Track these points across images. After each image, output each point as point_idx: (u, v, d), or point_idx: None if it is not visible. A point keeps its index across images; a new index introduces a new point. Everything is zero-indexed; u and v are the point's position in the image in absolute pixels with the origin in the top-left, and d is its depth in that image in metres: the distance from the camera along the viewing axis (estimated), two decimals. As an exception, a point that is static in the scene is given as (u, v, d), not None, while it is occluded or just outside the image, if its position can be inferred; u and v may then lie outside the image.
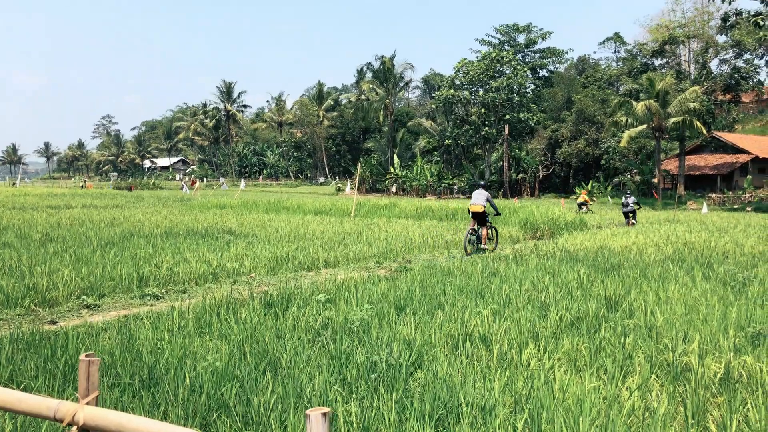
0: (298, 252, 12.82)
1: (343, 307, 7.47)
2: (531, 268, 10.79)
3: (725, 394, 4.64)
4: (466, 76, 64.58)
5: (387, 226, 20.45)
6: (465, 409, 4.15)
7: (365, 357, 5.25)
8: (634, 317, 6.95)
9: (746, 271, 10.19)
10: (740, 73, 59.42)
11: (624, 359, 5.38)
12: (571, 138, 65.83)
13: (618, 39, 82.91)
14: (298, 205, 29.62)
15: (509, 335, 6.10)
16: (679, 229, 20.00)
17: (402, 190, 70.71)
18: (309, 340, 6.06)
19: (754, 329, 6.19)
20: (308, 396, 4.38)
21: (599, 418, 3.99)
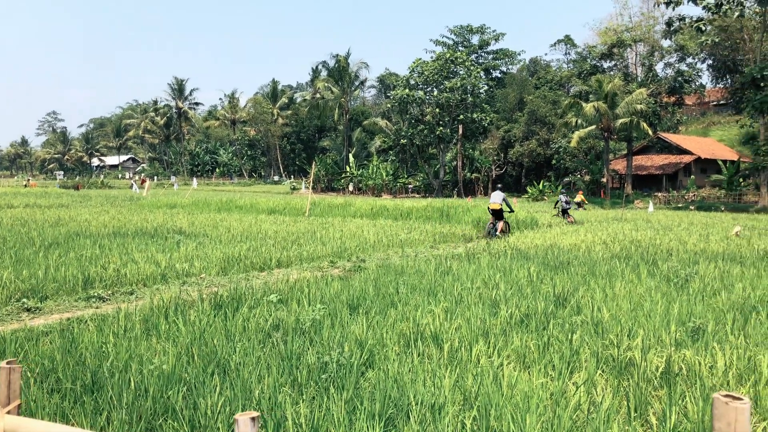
0: (250, 252, 12.66)
1: (295, 307, 7.40)
2: (483, 267, 10.91)
3: (666, 387, 4.79)
4: (421, 76, 65.00)
5: (342, 225, 20.39)
6: (415, 408, 4.16)
7: (316, 357, 5.21)
8: (582, 314, 7.10)
9: (688, 268, 10.53)
10: (684, 76, 61.53)
11: (571, 355, 5.49)
12: (523, 138, 66.97)
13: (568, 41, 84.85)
14: (252, 204, 29.27)
15: (460, 333, 6.15)
16: (626, 228, 20.57)
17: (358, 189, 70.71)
18: (259, 342, 5.99)
19: (694, 324, 6.40)
20: (257, 398, 4.32)
21: (546, 414, 4.06)
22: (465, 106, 64.79)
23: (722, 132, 73.31)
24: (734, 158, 59.52)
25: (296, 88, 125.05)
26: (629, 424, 4.11)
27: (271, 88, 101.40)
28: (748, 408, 1.80)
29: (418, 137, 65.18)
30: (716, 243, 15.48)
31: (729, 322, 6.63)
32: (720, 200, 51.26)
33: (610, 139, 56.28)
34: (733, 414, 1.81)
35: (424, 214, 25.58)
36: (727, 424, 1.81)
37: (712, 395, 4.32)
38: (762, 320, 6.79)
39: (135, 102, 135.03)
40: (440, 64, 64.50)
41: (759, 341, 5.90)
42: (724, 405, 1.83)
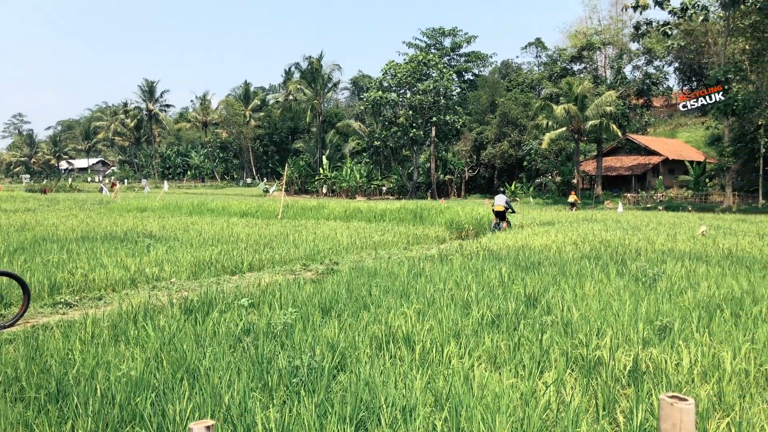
0: (221, 256, 12.54)
1: (267, 311, 7.35)
2: (455, 268, 10.96)
3: (633, 385, 4.86)
4: (394, 78, 65.19)
5: (315, 227, 20.32)
6: (386, 410, 4.16)
7: (287, 361, 5.18)
8: (552, 314, 7.17)
9: (656, 267, 10.71)
10: (651, 78, 62.72)
11: (541, 355, 5.54)
12: (495, 140, 67.56)
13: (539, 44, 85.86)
14: (224, 207, 29.01)
15: (432, 334, 6.17)
16: (596, 228, 20.86)
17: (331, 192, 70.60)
18: (230, 346, 5.93)
19: (661, 322, 6.51)
20: (227, 403, 4.27)
21: (516, 414, 4.09)
22: (438, 108, 65.15)
23: (689, 133, 74.86)
24: (700, 159, 60.86)
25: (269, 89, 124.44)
26: (597, 422, 4.16)
27: (243, 90, 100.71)
28: (693, 408, 1.83)
29: (391, 139, 65.35)
30: (683, 242, 15.78)
31: (695, 320, 6.75)
32: (687, 200, 52.30)
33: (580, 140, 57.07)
34: (678, 414, 1.84)
35: (397, 216, 25.63)
36: (672, 424, 1.84)
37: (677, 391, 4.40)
38: (726, 318, 6.93)
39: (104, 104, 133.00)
40: (413, 66, 64.76)
41: (723, 339, 6.03)
42: (669, 406, 1.86)
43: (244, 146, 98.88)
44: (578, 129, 54.53)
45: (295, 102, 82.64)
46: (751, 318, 6.94)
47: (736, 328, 6.47)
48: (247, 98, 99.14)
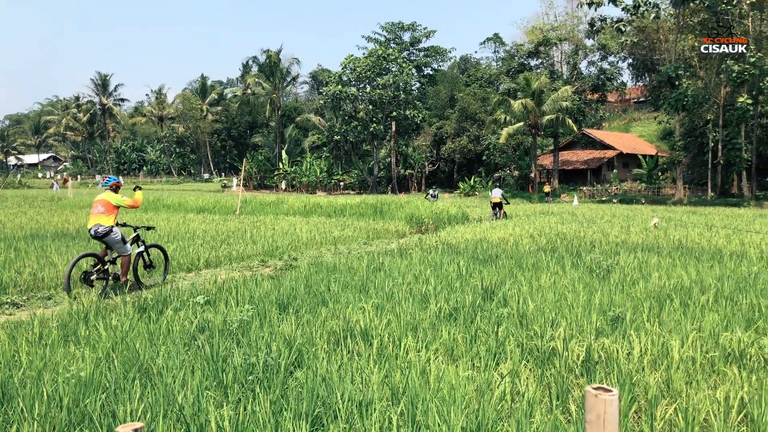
0: (176, 252, 12.31)
1: (223, 308, 7.25)
2: (414, 262, 11.00)
3: (586, 375, 4.96)
4: (354, 73, 65.00)
5: (274, 223, 20.13)
6: (342, 406, 4.14)
7: (243, 359, 5.11)
8: (509, 306, 7.25)
9: (610, 259, 10.96)
10: (606, 74, 64.07)
11: (497, 347, 5.60)
12: (454, 135, 68.05)
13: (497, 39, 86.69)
14: (180, 203, 28.50)
15: (390, 329, 6.17)
16: (552, 221, 21.23)
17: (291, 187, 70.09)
18: (184, 345, 5.83)
19: (614, 313, 6.66)
20: (180, 403, 4.19)
21: (471, 406, 4.13)
22: (398, 103, 65.26)
23: (642, 128, 76.79)
24: (653, 153, 62.49)
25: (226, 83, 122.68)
26: (551, 412, 4.22)
27: (200, 84, 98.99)
28: (617, 399, 1.86)
29: (351, 134, 65.19)
30: (636, 235, 16.18)
31: (646, 310, 6.93)
32: (640, 193, 53.66)
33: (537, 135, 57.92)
34: (602, 406, 1.86)
35: (358, 210, 25.58)
36: (596, 416, 1.85)
37: (628, 379, 4.50)
38: (675, 307, 7.13)
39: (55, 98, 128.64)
40: (372, 60, 64.68)
41: (672, 327, 6.19)
42: (593, 397, 1.87)
43: (202, 141, 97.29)
44: (535, 124, 55.34)
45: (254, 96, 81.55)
46: (699, 307, 7.16)
47: (684, 317, 6.66)
48: (204, 92, 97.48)
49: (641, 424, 4.09)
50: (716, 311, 6.93)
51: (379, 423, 3.99)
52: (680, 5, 46.36)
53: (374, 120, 64.39)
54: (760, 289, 8.28)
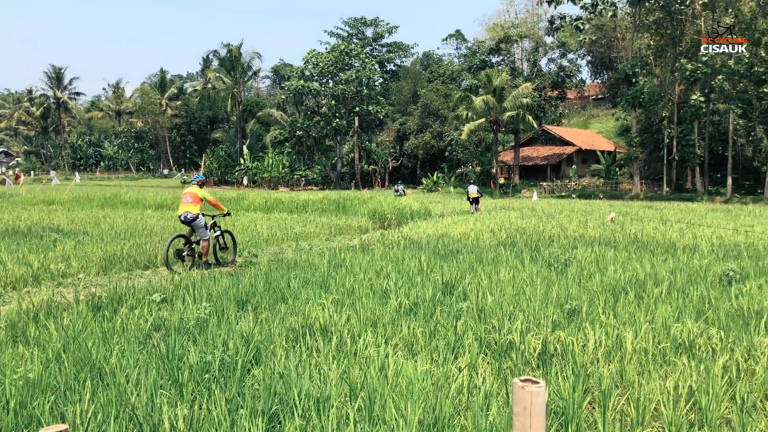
0: (134, 250, 12.06)
1: (180, 306, 7.13)
2: (376, 258, 11.00)
3: (542, 367, 5.03)
4: (316, 68, 64.60)
5: (234, 220, 19.89)
6: (299, 402, 4.11)
7: (199, 357, 5.03)
8: (468, 300, 7.32)
9: (568, 253, 11.14)
10: (565, 71, 65.12)
11: (456, 341, 5.64)
12: (417, 131, 68.29)
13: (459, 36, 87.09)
14: (138, 199, 27.92)
15: (350, 325, 6.16)
16: (512, 216, 21.49)
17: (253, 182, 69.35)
18: (139, 343, 5.71)
19: (571, 306, 6.77)
20: (133, 403, 4.10)
21: (428, 400, 4.14)
22: (361, 99, 65.12)
23: (601, 124, 78.29)
24: (611, 149, 63.78)
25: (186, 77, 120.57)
26: (507, 405, 4.27)
27: (159, 78, 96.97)
28: (543, 391, 1.88)
29: (314, 129, 64.81)
30: (594, 229, 16.50)
31: (601, 303, 7.07)
32: (599, 188, 54.74)
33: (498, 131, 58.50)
34: (529, 397, 1.87)
35: (320, 206, 25.47)
36: (523, 407, 1.86)
37: (582, 371, 4.58)
38: (630, 300, 7.29)
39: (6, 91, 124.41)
40: (335, 55, 64.38)
41: (626, 320, 6.33)
42: (520, 389, 1.88)
43: (161, 136, 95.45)
44: (497, 120, 55.90)
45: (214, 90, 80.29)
46: (653, 299, 7.33)
47: (638, 309, 6.82)
48: (164, 86, 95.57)
49: (594, 414, 4.17)
50: (669, 303, 7.11)
51: (337, 419, 3.97)
52: (636, 4, 47.36)
53: (337, 115, 64.14)
54: (710, 281, 8.54)
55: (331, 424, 3.84)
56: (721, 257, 11.12)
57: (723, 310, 6.72)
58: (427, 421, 3.88)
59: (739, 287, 7.93)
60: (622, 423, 4.14)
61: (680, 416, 4.01)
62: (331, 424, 3.85)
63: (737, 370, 4.88)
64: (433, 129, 66.80)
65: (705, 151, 47.57)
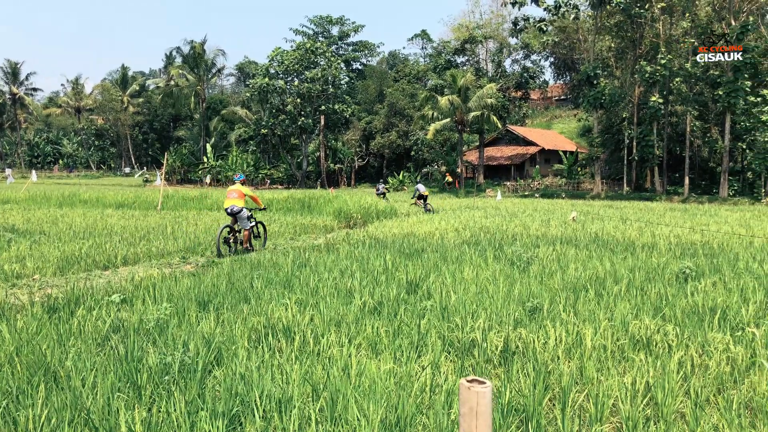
0: (92, 249, 11.78)
1: (140, 307, 6.99)
2: (341, 257, 10.97)
3: (504, 365, 5.08)
4: (281, 66, 64.12)
5: (197, 218, 19.61)
6: (261, 403, 4.07)
7: (159, 359, 4.94)
8: (432, 299, 7.34)
9: (530, 252, 11.28)
10: (529, 72, 65.95)
11: (419, 339, 5.65)
12: (383, 130, 68.37)
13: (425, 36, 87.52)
14: (98, 198, 27.30)
15: (313, 324, 6.12)
16: (477, 215, 21.68)
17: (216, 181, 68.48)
18: (97, 345, 5.59)
19: (532, 303, 6.85)
20: (88, 407, 4.00)
21: (391, 399, 4.14)
22: (326, 97, 64.88)
23: (563, 125, 79.57)
24: (573, 149, 64.89)
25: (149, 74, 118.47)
26: (469, 402, 4.29)
27: (120, 75, 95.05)
28: (489, 391, 1.89)
29: (279, 127, 64.32)
30: (556, 228, 16.74)
31: (562, 300, 7.17)
32: (561, 188, 55.62)
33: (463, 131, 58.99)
34: (475, 398, 1.86)
35: (285, 205, 25.30)
36: (469, 408, 1.85)
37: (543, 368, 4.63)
38: (590, 297, 7.42)
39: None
40: (300, 53, 64.02)
41: (586, 317, 6.43)
42: (467, 390, 1.88)
43: (122, 134, 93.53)
44: (462, 120, 56.33)
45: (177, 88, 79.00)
46: (612, 297, 7.47)
47: (598, 306, 6.94)
48: (125, 83, 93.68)
49: (555, 411, 4.23)
50: (627, 300, 7.25)
51: (299, 420, 3.95)
52: (598, 7, 48.26)
53: (302, 114, 63.78)
54: (668, 279, 8.74)
55: (292, 425, 3.82)
56: (678, 255, 11.39)
57: (679, 307, 6.89)
58: (389, 420, 3.88)
59: (695, 285, 8.14)
60: (582, 419, 4.21)
61: (637, 411, 4.09)
62: (293, 425, 3.82)
63: (692, 366, 5.01)
64: (399, 128, 66.97)
65: (663, 152, 48.74)
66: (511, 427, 3.89)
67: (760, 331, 5.66)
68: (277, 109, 64.70)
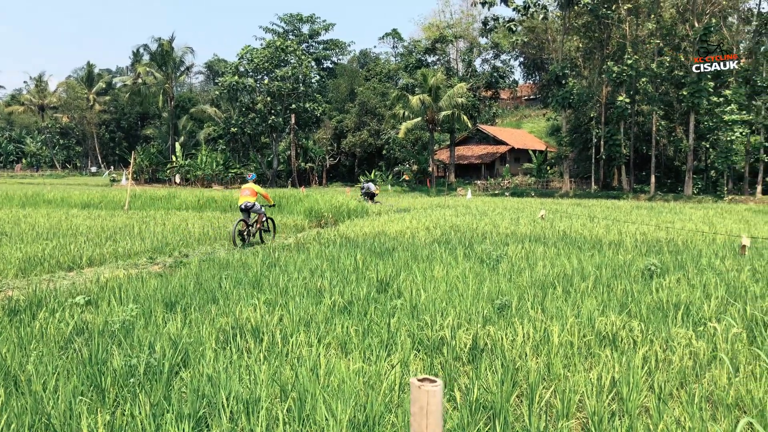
0: (56, 250, 11.53)
1: (105, 308, 6.86)
2: (311, 257, 10.92)
3: (473, 362, 5.11)
4: (251, 64, 63.58)
5: (165, 218, 19.34)
6: (228, 405, 4.03)
7: (124, 361, 4.85)
8: (402, 297, 7.35)
9: (499, 250, 11.37)
10: (499, 72, 66.50)
11: (389, 338, 5.65)
12: (355, 129, 68.28)
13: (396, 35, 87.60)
14: (63, 197, 26.74)
15: (282, 325, 6.08)
16: (447, 214, 21.79)
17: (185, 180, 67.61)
18: (60, 348, 5.46)
19: (501, 301, 6.91)
20: (49, 411, 3.91)
21: (360, 398, 4.13)
22: (297, 96, 64.54)
23: (533, 124, 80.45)
24: (542, 148, 65.66)
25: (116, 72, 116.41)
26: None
27: (86, 72, 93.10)
28: (440, 390, 1.89)
29: (249, 126, 63.78)
30: (525, 226, 16.91)
31: (530, 297, 7.25)
32: (531, 187, 56.24)
33: (434, 130, 59.23)
34: (425, 397, 1.86)
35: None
36: (420, 407, 1.85)
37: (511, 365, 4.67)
38: (558, 294, 7.51)
39: None
40: (270, 51, 63.56)
41: (554, 314, 6.51)
42: (417, 389, 1.87)
43: (88, 132, 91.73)
44: (433, 119, 56.56)
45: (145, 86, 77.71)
46: (579, 293, 7.57)
47: (566, 303, 7.03)
48: (91, 81, 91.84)
49: (522, 408, 4.26)
50: (594, 297, 7.36)
51: (266, 421, 3.91)
52: (566, 8, 48.89)
53: (273, 112, 63.33)
54: (633, 276, 8.90)
55: (260, 426, 3.78)
56: (644, 252, 11.60)
57: (644, 303, 7.01)
58: (357, 420, 3.87)
59: (660, 281, 8.29)
60: (548, 415, 4.26)
61: (603, 407, 4.15)
62: (260, 426, 3.78)
63: (656, 361, 5.10)
64: (370, 127, 66.95)
65: (630, 151, 49.61)
66: (479, 424, 3.91)
67: (721, 326, 5.79)
68: (246, 108, 64.14)
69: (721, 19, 45.86)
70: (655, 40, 46.26)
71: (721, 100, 42.35)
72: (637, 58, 45.80)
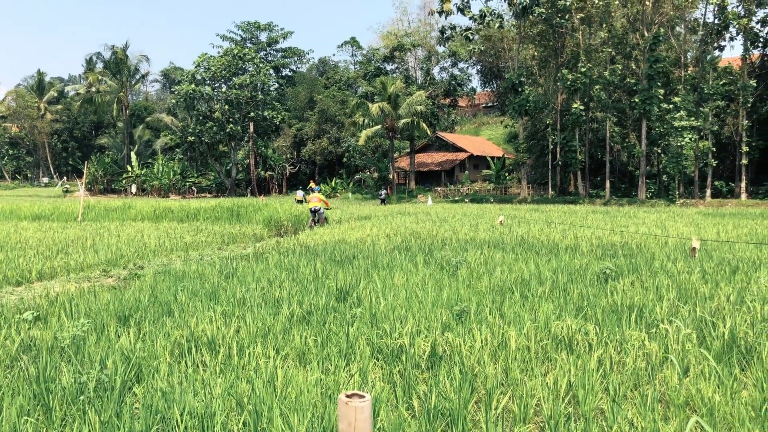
0: (3, 264, 11.14)
1: (55, 324, 6.64)
2: (270, 266, 10.80)
3: (431, 370, 5.11)
4: (208, 72, 62.85)
5: (119, 230, 18.89)
6: (182, 420, 3.93)
7: (73, 378, 4.70)
8: (362, 306, 7.32)
9: (459, 256, 11.44)
10: (457, 80, 67.23)
11: (348, 347, 5.61)
12: (315, 136, 68.06)
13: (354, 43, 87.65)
14: (12, 209, 25.88)
15: (239, 336, 5.98)
16: (408, 221, 21.86)
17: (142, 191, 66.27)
18: (6, 367, 5.26)
19: (460, 307, 6.94)
20: (-8, 433, 3.75)
21: (317, 410, 4.09)
22: (255, 104, 64.03)
23: (491, 131, 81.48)
24: (501, 155, 66.56)
25: (68, 80, 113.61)
26: (396, 409, 4.30)
27: (36, 80, 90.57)
28: (369, 405, 1.89)
29: (207, 134, 62.94)
30: (484, 232, 17.08)
31: (489, 303, 7.29)
32: (490, 193, 56.90)
33: (394, 138, 59.45)
34: (353, 413, 1.84)
35: (213, 214, 24.75)
36: (348, 424, 1.83)
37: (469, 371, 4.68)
38: (516, 300, 7.58)
39: None
40: (228, 59, 62.95)
41: (512, 319, 6.57)
42: (345, 405, 1.85)
43: (39, 142, 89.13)
44: (392, 127, 56.77)
45: (99, 94, 75.98)
46: (537, 298, 7.66)
47: (523, 308, 7.10)
48: (42, 89, 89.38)
49: (480, 414, 4.28)
50: (551, 302, 7.45)
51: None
52: (521, 17, 49.77)
53: (231, 120, 62.65)
54: (589, 280, 9.06)
55: (215, 442, 3.70)
56: (599, 256, 11.83)
57: (599, 306, 7.14)
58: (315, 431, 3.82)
59: (614, 284, 8.46)
60: (506, 420, 4.28)
61: (559, 410, 4.19)
62: (216, 442, 3.70)
63: (610, 363, 5.18)
64: (330, 135, 66.83)
65: (586, 157, 50.66)
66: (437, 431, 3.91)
67: (672, 327, 5.93)
68: (204, 116, 63.29)
69: (669, 29, 47.34)
70: (608, 48, 47.45)
71: (671, 106, 43.65)
72: (590, 66, 46.88)
